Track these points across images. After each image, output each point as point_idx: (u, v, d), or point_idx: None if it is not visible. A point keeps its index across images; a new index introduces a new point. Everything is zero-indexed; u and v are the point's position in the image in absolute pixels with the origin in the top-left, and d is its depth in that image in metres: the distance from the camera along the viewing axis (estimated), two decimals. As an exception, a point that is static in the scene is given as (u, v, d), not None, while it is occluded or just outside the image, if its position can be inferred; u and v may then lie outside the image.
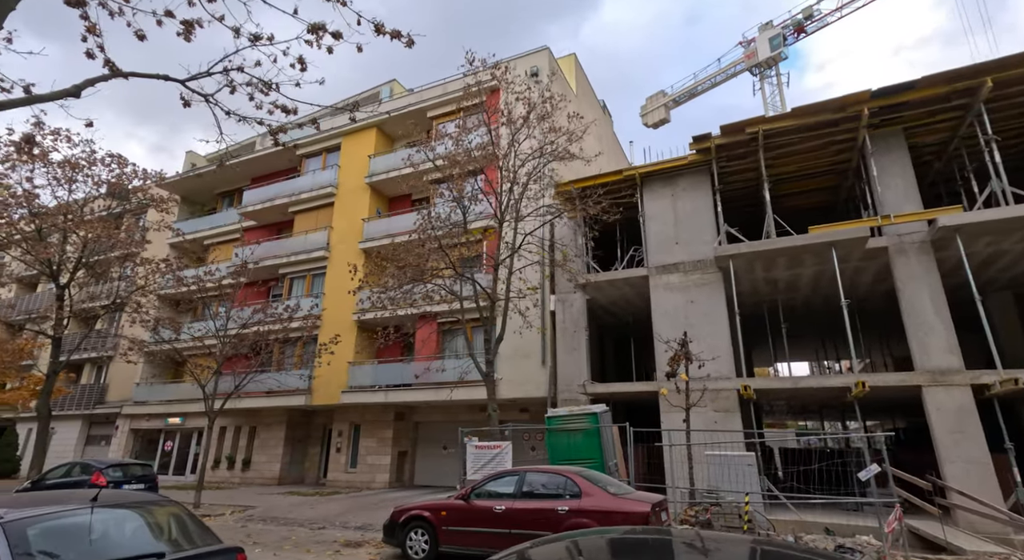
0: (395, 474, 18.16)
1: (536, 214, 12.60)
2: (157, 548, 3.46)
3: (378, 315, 18.79)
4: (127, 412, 23.80)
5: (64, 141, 16.23)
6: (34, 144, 3.82)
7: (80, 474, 12.40)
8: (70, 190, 17.11)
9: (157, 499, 3.98)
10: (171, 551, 3.44)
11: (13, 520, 3.15)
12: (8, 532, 3.07)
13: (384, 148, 21.61)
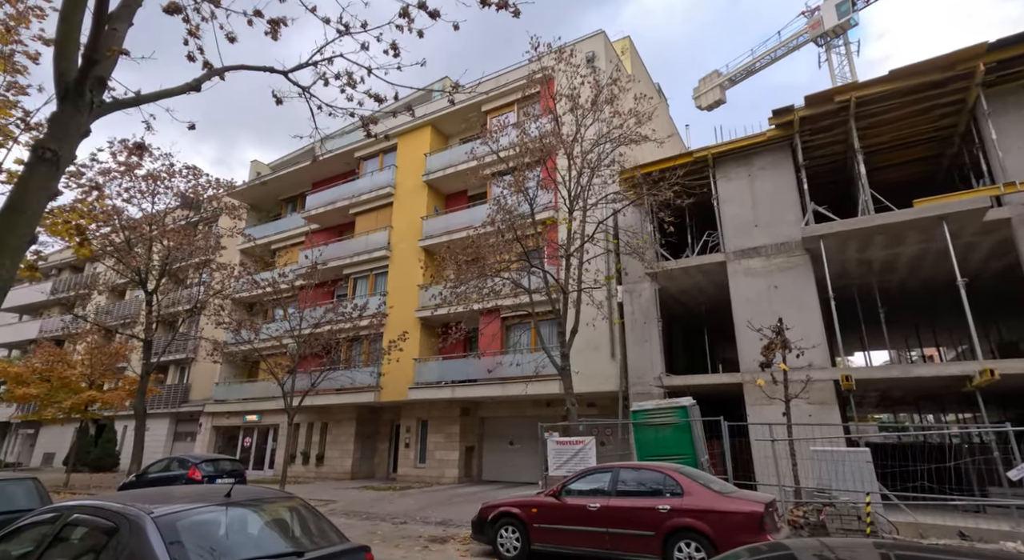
0: (463, 469, 18.24)
1: (605, 202, 12.16)
2: (296, 546, 3.39)
3: (441, 312, 18.93)
4: (209, 410, 25.23)
5: (147, 155, 17.27)
6: (144, 150, 3.97)
7: (177, 468, 13.13)
8: (153, 202, 18.22)
9: (282, 495, 3.94)
10: (309, 548, 3.36)
11: (163, 515, 3.14)
12: (161, 527, 3.05)
13: (439, 146, 21.71)
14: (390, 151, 22.77)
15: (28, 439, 32.56)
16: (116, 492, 13.51)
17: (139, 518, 3.12)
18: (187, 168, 19.01)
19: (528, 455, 18.07)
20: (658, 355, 13.84)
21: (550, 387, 15.74)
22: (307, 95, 4.61)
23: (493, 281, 12.77)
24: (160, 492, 3.91)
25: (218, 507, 3.48)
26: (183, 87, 3.37)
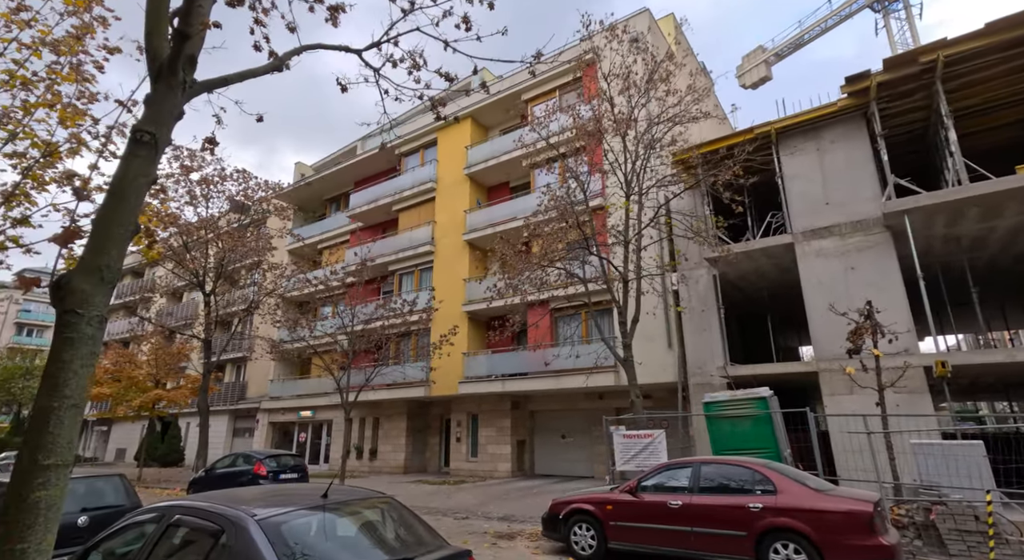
0: (516, 463, 18.09)
1: (660, 186, 11.62)
2: (401, 551, 3.19)
3: (488, 305, 18.82)
4: (265, 407, 26.06)
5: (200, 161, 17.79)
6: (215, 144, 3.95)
7: (243, 464, 13.49)
8: (207, 206, 18.79)
9: (375, 494, 3.75)
10: (415, 554, 3.15)
11: (266, 517, 2.98)
12: (266, 530, 2.89)
13: (479, 138, 21.49)
14: (430, 146, 22.72)
15: (102, 436, 34.60)
16: (191, 487, 14.01)
17: (243, 520, 2.97)
18: (237, 172, 19.51)
19: (581, 449, 17.76)
20: (719, 344, 13.22)
21: (603, 379, 15.34)
22: (377, 77, 4.40)
23: (546, 272, 12.44)
24: (255, 493, 3.80)
25: (317, 509, 3.31)
26: (267, 67, 3.21)
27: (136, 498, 6.60)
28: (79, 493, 6.20)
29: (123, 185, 2.24)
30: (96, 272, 2.12)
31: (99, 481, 6.52)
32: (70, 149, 8.10)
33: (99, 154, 8.35)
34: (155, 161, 2.36)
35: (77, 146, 8.16)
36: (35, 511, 1.82)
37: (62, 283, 2.06)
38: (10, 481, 1.93)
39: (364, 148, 25.64)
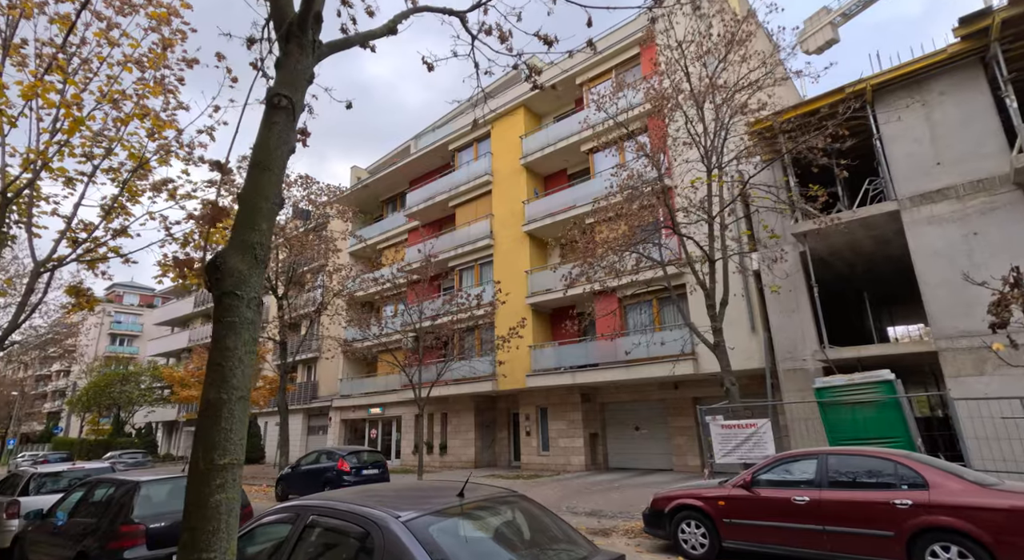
0: (589, 457, 17.65)
1: (743, 157, 10.78)
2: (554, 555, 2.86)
3: (553, 297, 18.44)
4: (336, 405, 26.90)
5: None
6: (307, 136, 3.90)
7: (326, 460, 13.81)
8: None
9: (509, 493, 3.44)
10: (577, 558, 2.81)
11: (412, 519, 2.73)
12: (415, 532, 2.62)
13: (532, 127, 21.06)
14: (484, 139, 22.53)
15: (190, 436, 37.00)
16: (279, 484, 14.47)
17: (388, 521, 2.73)
18: (300, 177, 20.07)
19: (656, 441, 17.09)
20: (811, 326, 12.21)
21: (680, 368, 14.61)
22: (473, 44, 4.10)
23: (621, 257, 11.86)
24: (384, 491, 3.59)
25: (457, 508, 3.03)
26: (382, 29, 2.99)
27: (244, 496, 6.69)
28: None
29: (265, 155, 2.01)
30: (249, 250, 1.90)
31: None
32: (159, 158, 8.38)
33: (186, 162, 8.62)
34: (293, 128, 2.13)
35: (166, 155, 8.44)
36: (217, 516, 1.61)
37: (218, 263, 1.85)
38: (188, 485, 1.72)
39: (417, 147, 25.82)
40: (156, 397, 33.68)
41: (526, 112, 20.98)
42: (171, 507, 5.98)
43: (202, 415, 1.79)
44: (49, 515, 6.64)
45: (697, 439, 15.95)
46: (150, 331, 54.51)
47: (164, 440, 40.47)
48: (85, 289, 8.68)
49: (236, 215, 1.97)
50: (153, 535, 5.59)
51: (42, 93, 5.99)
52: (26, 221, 8.34)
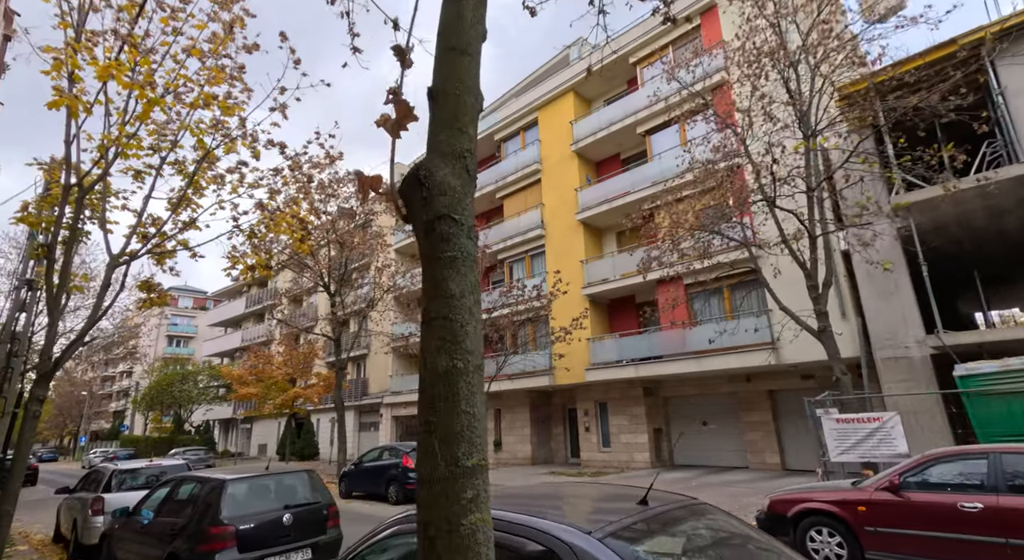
0: (654, 453, 16.80)
1: (835, 123, 9.73)
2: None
3: (609, 287, 17.66)
4: (387, 401, 26.89)
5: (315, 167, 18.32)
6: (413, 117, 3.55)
7: (389, 457, 13.54)
8: (326, 209, 19.38)
9: (693, 500, 2.80)
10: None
11: (608, 536, 2.13)
12: (620, 554, 2.01)
13: (582, 112, 20.27)
14: (530, 127, 21.89)
15: (245, 432, 38.07)
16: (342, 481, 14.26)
17: (577, 539, 2.14)
18: (349, 174, 19.95)
19: (727, 436, 16.07)
20: (913, 309, 11.04)
21: (757, 358, 13.60)
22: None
23: (697, 239, 11.01)
24: (544, 495, 3.01)
25: (648, 520, 2.41)
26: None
27: (328, 494, 6.31)
28: (274, 489, 5.98)
29: (459, 36, 1.46)
30: (459, 159, 1.36)
31: (289, 477, 6.28)
32: (225, 146, 8.13)
33: (251, 148, 8.35)
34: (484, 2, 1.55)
35: (231, 143, 8.18)
36: (473, 547, 1.04)
37: (422, 177, 1.31)
38: (423, 499, 1.16)
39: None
40: (213, 396, 34.72)
41: (575, 97, 20.20)
42: (258, 507, 5.64)
43: (430, 394, 1.24)
44: (135, 513, 6.45)
45: (775, 435, 14.89)
46: (204, 332, 56.63)
47: (221, 437, 41.83)
48: (156, 284, 8.57)
49: (430, 117, 1.42)
50: (243, 537, 5.25)
51: (117, 74, 5.74)
52: (100, 216, 8.26)
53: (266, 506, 5.70)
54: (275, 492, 5.95)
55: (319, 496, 6.18)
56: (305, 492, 6.18)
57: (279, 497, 5.92)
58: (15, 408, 10.49)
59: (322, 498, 6.15)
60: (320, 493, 6.23)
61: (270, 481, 6.00)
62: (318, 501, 6.08)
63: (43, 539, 9.83)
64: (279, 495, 5.95)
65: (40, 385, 6.40)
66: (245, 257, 8.66)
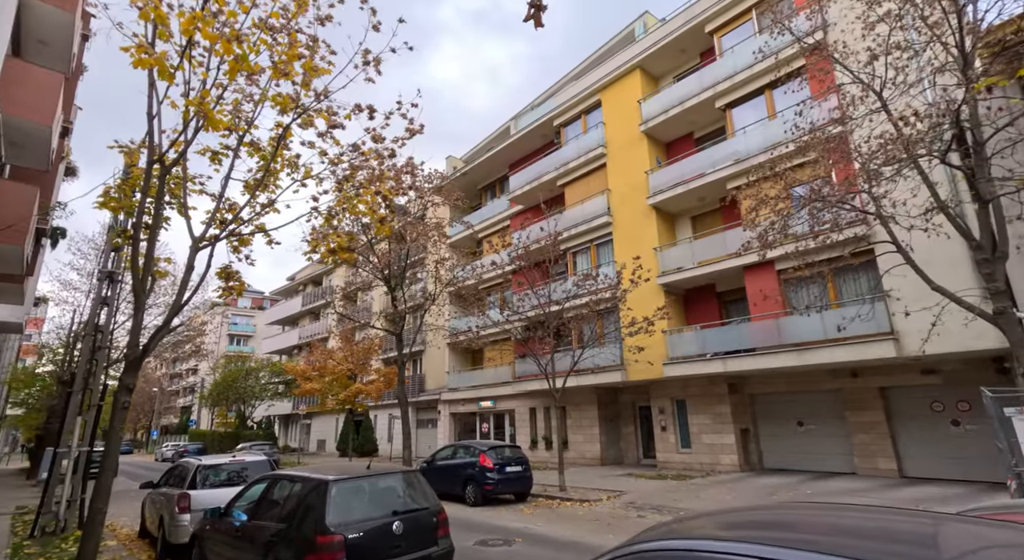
0: (742, 455, 15.41)
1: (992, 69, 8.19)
2: None
3: (685, 276, 16.37)
4: (444, 398, 26.48)
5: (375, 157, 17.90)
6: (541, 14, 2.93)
7: (465, 455, 12.85)
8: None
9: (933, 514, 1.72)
10: None
11: None
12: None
13: (650, 89, 19.01)
14: (592, 110, 20.80)
15: (304, 428, 38.78)
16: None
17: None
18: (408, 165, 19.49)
19: (827, 438, 14.49)
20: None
21: (867, 351, 12.04)
22: None
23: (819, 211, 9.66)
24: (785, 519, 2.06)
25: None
26: None
27: (435, 498, 5.56)
28: (379, 492, 5.28)
29: None
30: None
31: (392, 478, 5.57)
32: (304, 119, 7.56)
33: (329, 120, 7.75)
34: None
35: (309, 117, 7.61)
36: None
37: None
38: None
39: (517, 127, 24.61)
40: (273, 392, 35.46)
41: (642, 74, 18.96)
42: (365, 513, 4.94)
43: None
44: (227, 513, 5.92)
45: (890, 437, 13.24)
46: (261, 331, 58.54)
47: (281, 433, 42.88)
48: (235, 272, 8.15)
49: None
50: (352, 548, 4.55)
51: (203, 26, 5.19)
52: (180, 199, 7.89)
53: (373, 512, 4.99)
54: (380, 495, 5.25)
55: (427, 500, 5.44)
56: (412, 496, 5.45)
57: (386, 501, 5.21)
58: (100, 400, 10.46)
59: (430, 503, 5.40)
60: (427, 497, 5.49)
61: (374, 483, 5.30)
62: (427, 506, 5.33)
63: (129, 533, 9.68)
64: (385, 499, 5.24)
65: (129, 373, 5.98)
66: (329, 238, 8.10)
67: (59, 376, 21.26)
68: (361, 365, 23.46)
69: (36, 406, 24.50)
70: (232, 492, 7.94)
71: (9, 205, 11.05)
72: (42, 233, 14.08)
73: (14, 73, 11.07)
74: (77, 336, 21.88)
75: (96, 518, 5.47)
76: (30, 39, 12.95)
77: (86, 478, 9.78)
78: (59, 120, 12.84)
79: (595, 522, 9.56)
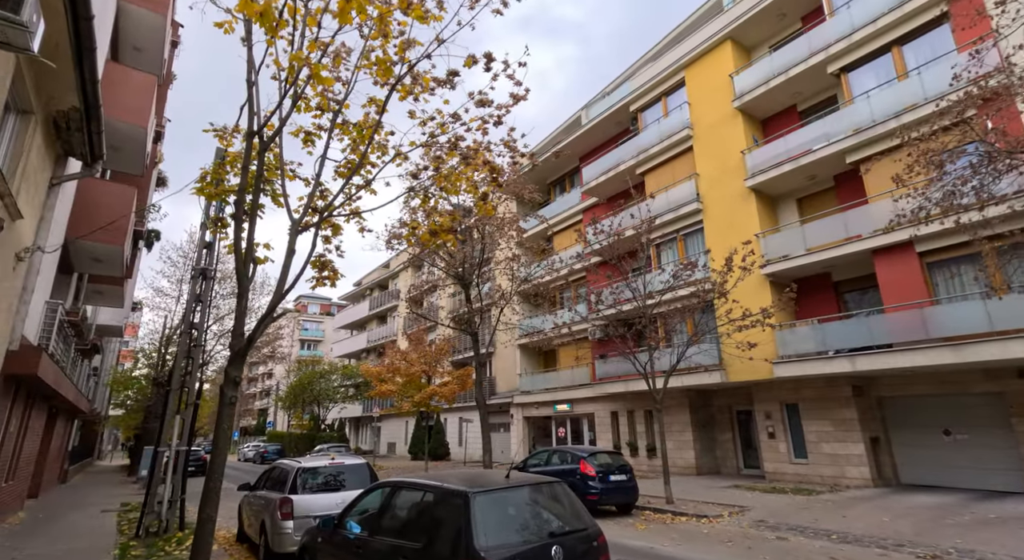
0: (874, 468, 13.39)
1: None
2: None
3: (794, 264, 14.56)
4: (517, 401, 25.57)
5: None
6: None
7: (560, 462, 11.81)
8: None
9: None
10: None
11: None
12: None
13: (742, 62, 17.33)
14: (674, 91, 19.33)
15: (375, 431, 39.15)
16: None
17: None
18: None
19: (985, 450, 12.25)
20: None
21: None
22: None
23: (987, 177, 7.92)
24: None
25: None
26: None
27: (591, 519, 4.52)
28: (527, 508, 4.31)
29: None
30: None
31: (538, 490, 4.57)
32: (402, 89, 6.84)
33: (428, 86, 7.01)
34: None
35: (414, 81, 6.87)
36: None
37: None
38: None
39: (589, 116, 23.45)
40: (344, 395, 35.97)
41: (733, 46, 17.32)
42: (515, 534, 4.00)
43: None
44: (340, 525, 5.18)
45: (1079, 449, 10.93)
46: (330, 336, 60.42)
47: (351, 435, 43.65)
48: (328, 261, 7.57)
49: None
50: (507, 577, 3.59)
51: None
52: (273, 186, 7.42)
53: (525, 532, 4.04)
54: (529, 512, 4.29)
55: (580, 520, 4.42)
56: (563, 513, 4.46)
57: (536, 519, 4.25)
58: (196, 400, 10.29)
59: (587, 523, 4.38)
60: (580, 516, 4.47)
61: (519, 495, 4.35)
62: (584, 528, 4.32)
63: (227, 536, 9.35)
64: (535, 516, 4.28)
65: (235, 365, 5.39)
66: (432, 216, 7.38)
67: (154, 378, 22.22)
68: (434, 367, 23.01)
69: (134, 407, 25.88)
70: (333, 498, 7.33)
71: (110, 205, 11.21)
72: (139, 235, 14.50)
73: (112, 75, 11.25)
74: (168, 339, 22.84)
75: (206, 528, 4.87)
76: (126, 46, 13.30)
77: (184, 478, 9.57)
78: (152, 124, 13.08)
79: (729, 544, 8.22)
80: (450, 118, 7.23)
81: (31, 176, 7.79)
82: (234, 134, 7.51)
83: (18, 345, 8.25)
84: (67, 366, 11.71)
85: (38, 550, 8.26)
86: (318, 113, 7.46)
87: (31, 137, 7.57)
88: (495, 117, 6.97)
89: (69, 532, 9.71)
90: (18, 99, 7.17)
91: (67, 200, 9.92)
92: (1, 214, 6.68)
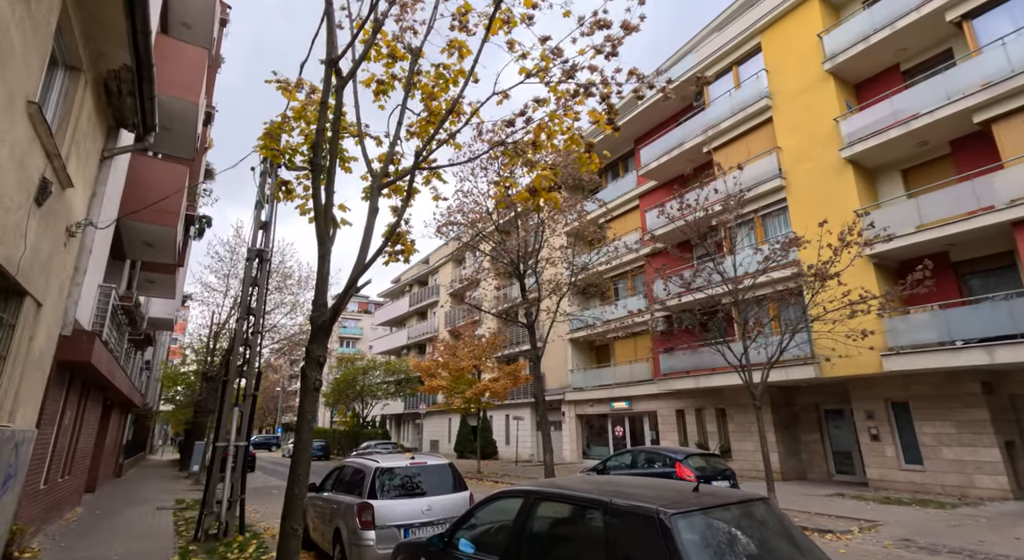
0: (1012, 477, 11.51)
1: None
2: None
3: (902, 244, 12.77)
4: (569, 398, 24.29)
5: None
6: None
7: (649, 464, 10.49)
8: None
9: None
10: None
11: None
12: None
13: (831, 20, 15.55)
14: (747, 59, 17.67)
15: (417, 428, 38.56)
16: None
17: None
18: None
19: None
20: None
21: None
22: None
23: None
24: None
25: None
26: None
27: (808, 539, 3.22)
28: (743, 536, 3.06)
29: None
30: None
31: (744, 509, 3.29)
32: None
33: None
34: None
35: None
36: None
37: None
38: None
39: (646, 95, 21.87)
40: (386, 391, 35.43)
41: (821, 3, 15.54)
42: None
43: None
44: (450, 544, 4.05)
45: None
46: (368, 334, 60.51)
47: (393, 432, 43.24)
48: (404, 233, 6.55)
49: None
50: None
51: None
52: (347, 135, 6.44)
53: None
54: (743, 541, 3.02)
55: (802, 551, 3.12)
56: (779, 543, 3.17)
57: (746, 543, 2.99)
58: (255, 390, 9.48)
59: (807, 545, 3.10)
60: (801, 546, 3.17)
61: (726, 517, 3.11)
62: (803, 552, 3.03)
63: (289, 543, 8.43)
64: (746, 539, 3.02)
65: (318, 342, 4.35)
66: (536, 169, 6.26)
67: (203, 373, 22.00)
68: (484, 362, 21.98)
69: (184, 402, 25.89)
70: (417, 504, 6.28)
71: (161, 185, 10.55)
72: (190, 221, 13.97)
73: (162, 50, 10.58)
74: (216, 334, 22.61)
75: (291, 542, 3.85)
76: (176, 22, 12.72)
77: (244, 476, 8.75)
78: (203, 102, 12.45)
79: (885, 568, 6.74)
80: (552, 54, 6.06)
81: (81, 142, 7.03)
82: (298, 87, 6.59)
83: (71, 330, 7.55)
84: (120, 356, 11.15)
85: (93, 552, 7.56)
86: (390, 62, 6.48)
87: (81, 98, 6.80)
88: (613, 43, 5.75)
89: (124, 532, 9.05)
90: (66, 51, 6.38)
91: (119, 177, 9.26)
92: (50, 176, 5.89)
